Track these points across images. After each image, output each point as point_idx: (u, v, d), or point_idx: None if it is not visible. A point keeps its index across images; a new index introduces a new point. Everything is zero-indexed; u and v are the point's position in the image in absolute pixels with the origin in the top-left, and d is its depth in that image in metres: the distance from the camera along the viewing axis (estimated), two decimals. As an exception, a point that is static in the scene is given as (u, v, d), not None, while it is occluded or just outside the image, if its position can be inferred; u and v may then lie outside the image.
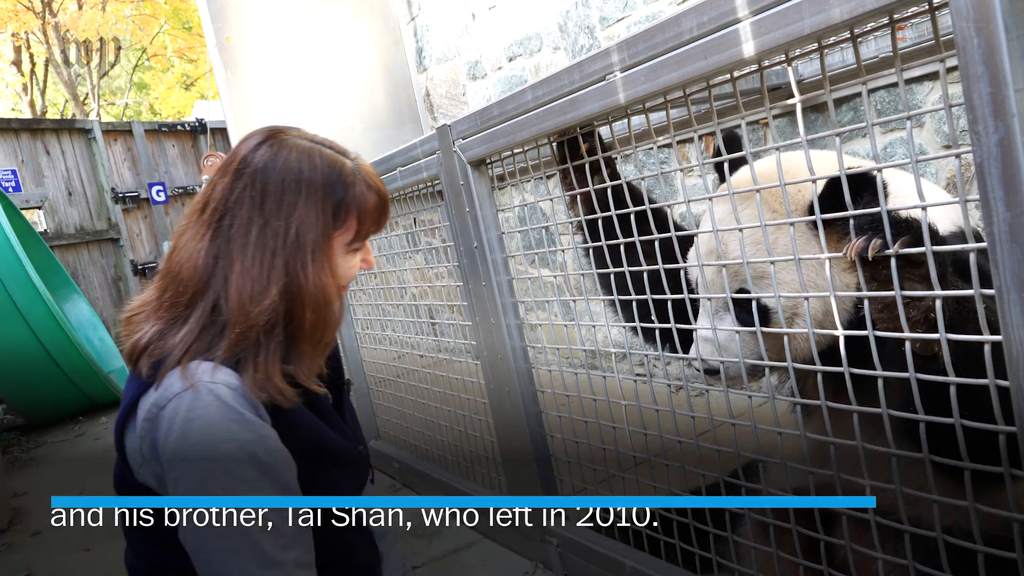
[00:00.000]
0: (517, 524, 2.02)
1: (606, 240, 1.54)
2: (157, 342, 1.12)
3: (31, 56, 13.97)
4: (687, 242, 1.42)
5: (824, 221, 1.05)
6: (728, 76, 1.14)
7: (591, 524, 1.83)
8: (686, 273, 1.45)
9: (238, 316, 1.09)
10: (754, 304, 1.21)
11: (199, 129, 9.74)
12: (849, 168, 1.00)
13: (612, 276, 1.57)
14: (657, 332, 1.54)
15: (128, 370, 1.18)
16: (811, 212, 1.10)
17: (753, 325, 1.22)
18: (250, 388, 1.09)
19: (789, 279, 1.26)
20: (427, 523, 2.43)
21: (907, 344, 0.96)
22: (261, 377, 1.10)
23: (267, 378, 1.10)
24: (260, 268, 1.11)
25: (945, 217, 1.25)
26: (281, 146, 1.16)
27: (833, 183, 1.07)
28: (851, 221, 1.06)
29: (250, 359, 1.11)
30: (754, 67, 1.10)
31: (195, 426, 1.04)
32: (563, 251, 1.78)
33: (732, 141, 1.32)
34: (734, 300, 1.31)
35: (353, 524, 1.34)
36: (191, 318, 1.12)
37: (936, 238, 0.94)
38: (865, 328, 1.03)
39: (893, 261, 0.95)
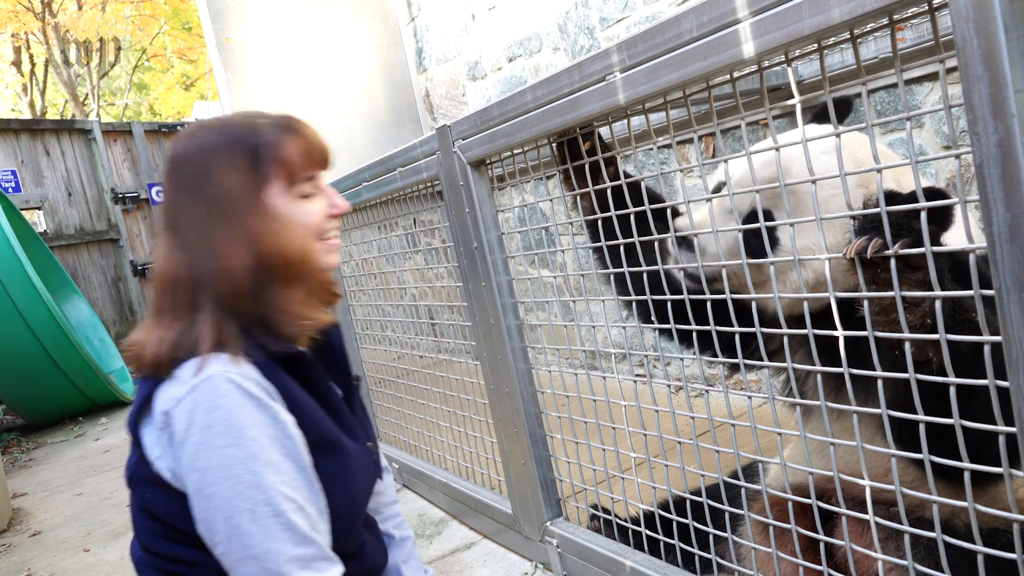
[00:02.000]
0: (517, 524, 2.02)
1: (611, 239, 1.54)
2: (161, 347, 1.14)
3: (31, 56, 13.97)
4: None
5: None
6: (728, 76, 1.14)
7: (591, 524, 1.83)
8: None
9: (225, 294, 1.14)
10: (790, 231, 1.15)
11: (199, 129, 9.73)
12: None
13: (626, 275, 1.56)
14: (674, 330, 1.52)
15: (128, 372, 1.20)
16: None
17: (761, 248, 1.20)
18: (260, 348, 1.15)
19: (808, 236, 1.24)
20: (427, 523, 2.43)
21: (906, 345, 0.97)
22: (275, 333, 1.17)
23: (281, 329, 1.18)
24: (220, 241, 1.15)
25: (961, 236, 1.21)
26: (192, 130, 1.24)
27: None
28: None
29: (256, 324, 1.16)
30: (754, 68, 1.10)
31: (218, 415, 1.07)
32: (563, 251, 1.79)
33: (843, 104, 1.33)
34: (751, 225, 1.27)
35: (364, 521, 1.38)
36: (184, 316, 1.15)
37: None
38: (864, 327, 1.03)
39: (893, 263, 0.96)
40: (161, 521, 1.16)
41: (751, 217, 1.28)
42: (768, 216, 1.27)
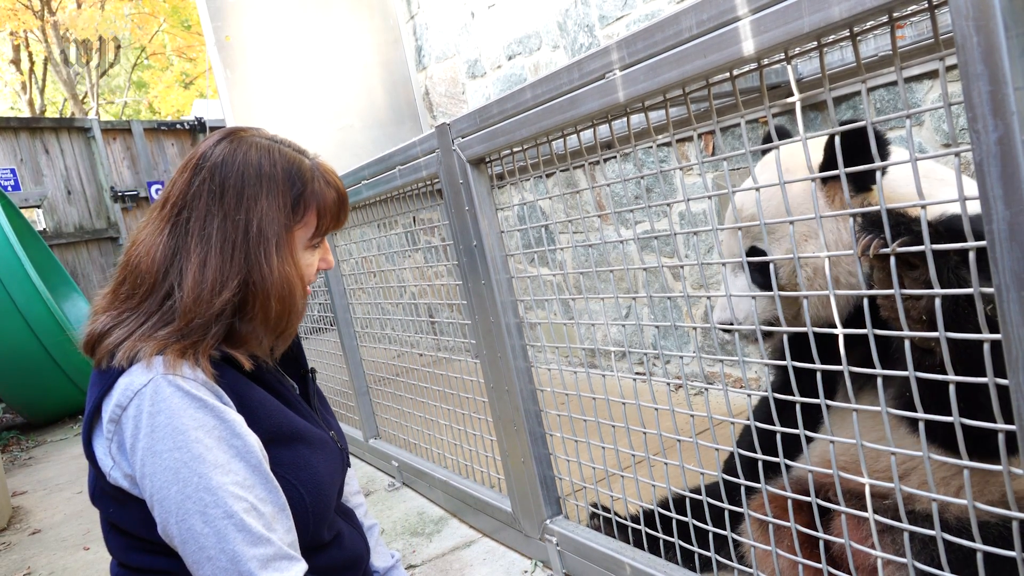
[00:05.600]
0: (517, 522, 2.02)
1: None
2: (112, 332, 1.14)
3: (30, 55, 13.96)
4: None
5: (830, 179, 1.04)
6: (727, 74, 1.14)
7: (591, 522, 1.83)
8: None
9: (193, 306, 1.12)
10: (771, 267, 1.19)
11: (198, 128, 9.73)
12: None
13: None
14: None
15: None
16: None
17: (767, 282, 1.20)
18: (179, 365, 1.10)
19: (805, 237, 1.25)
20: (427, 521, 2.44)
21: (906, 341, 0.97)
22: (189, 353, 1.12)
23: (196, 357, 1.12)
24: (220, 260, 1.14)
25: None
26: (240, 142, 1.20)
27: (832, 143, 1.07)
28: (844, 177, 1.04)
29: (188, 342, 1.13)
30: (753, 65, 1.10)
31: (160, 419, 1.06)
32: (562, 250, 1.79)
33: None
34: (749, 262, 1.28)
35: (336, 509, 1.36)
36: (145, 309, 1.15)
37: (952, 232, 0.93)
38: (873, 317, 1.03)
39: (892, 259, 0.96)
40: (128, 534, 1.16)
41: (751, 252, 1.31)
42: (761, 250, 1.30)
